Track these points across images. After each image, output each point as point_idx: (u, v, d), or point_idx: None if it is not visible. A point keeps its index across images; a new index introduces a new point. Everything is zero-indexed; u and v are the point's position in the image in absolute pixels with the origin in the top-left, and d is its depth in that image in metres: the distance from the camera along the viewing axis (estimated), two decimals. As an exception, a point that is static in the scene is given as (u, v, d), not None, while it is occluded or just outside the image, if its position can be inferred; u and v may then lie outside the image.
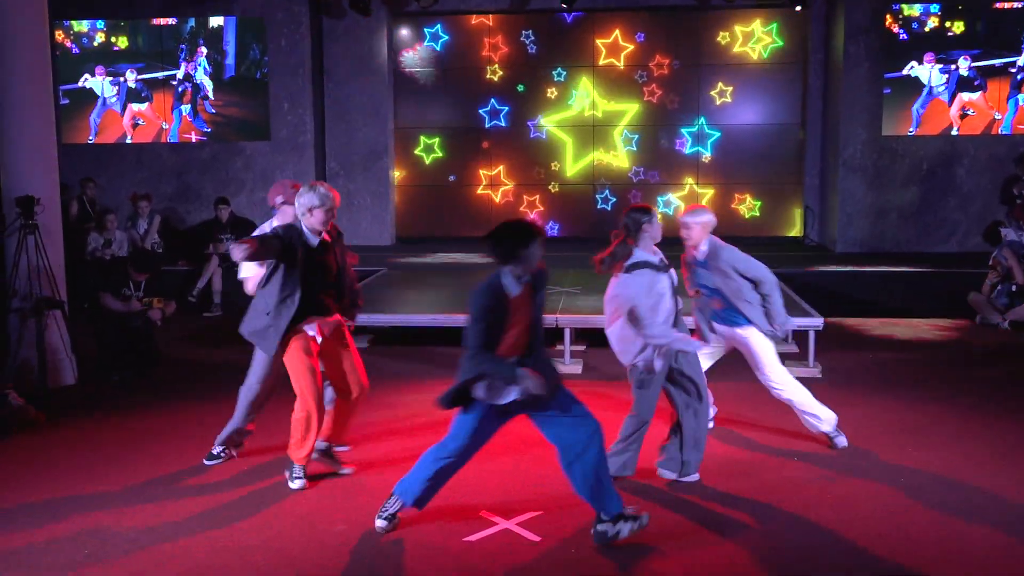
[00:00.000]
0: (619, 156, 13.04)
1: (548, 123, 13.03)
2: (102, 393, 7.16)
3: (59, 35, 12.52)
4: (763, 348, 5.56)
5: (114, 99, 12.67)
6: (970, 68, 11.64)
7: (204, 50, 12.51)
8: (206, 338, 9.28)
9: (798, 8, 12.41)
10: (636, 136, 12.97)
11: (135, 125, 12.71)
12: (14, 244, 7.12)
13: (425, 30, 12.99)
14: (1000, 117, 11.75)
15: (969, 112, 11.74)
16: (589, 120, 13.02)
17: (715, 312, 5.56)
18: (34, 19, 7.29)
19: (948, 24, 11.67)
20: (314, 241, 4.95)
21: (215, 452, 5.52)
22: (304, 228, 4.92)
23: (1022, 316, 8.99)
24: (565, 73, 12.92)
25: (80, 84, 12.65)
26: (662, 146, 12.97)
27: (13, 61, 7.15)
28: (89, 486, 5.17)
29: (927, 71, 11.72)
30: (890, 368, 7.70)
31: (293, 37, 12.32)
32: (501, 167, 13.13)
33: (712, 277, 5.41)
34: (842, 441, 5.63)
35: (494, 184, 13.17)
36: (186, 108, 12.58)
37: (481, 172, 13.17)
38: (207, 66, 12.49)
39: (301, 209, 4.89)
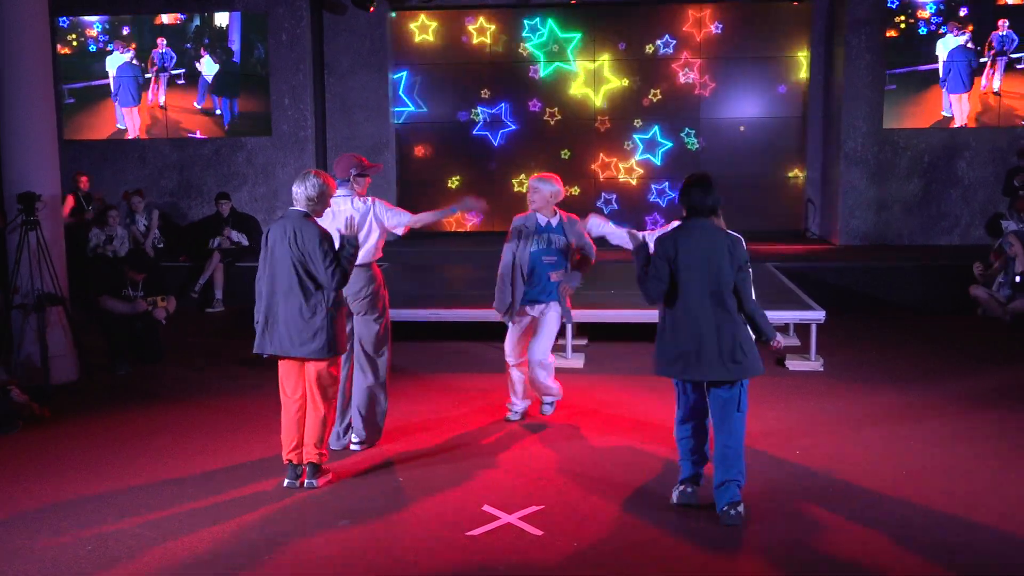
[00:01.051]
0: (620, 150, 13.03)
1: (555, 114, 13.03)
2: (105, 389, 7.18)
3: (64, 35, 12.52)
4: (555, 324, 5.94)
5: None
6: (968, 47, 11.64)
7: (160, 46, 12.54)
8: (208, 334, 9.29)
9: (796, 3, 12.37)
10: (636, 129, 12.97)
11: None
12: (16, 240, 7.14)
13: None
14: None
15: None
16: (591, 112, 13.01)
17: (547, 284, 5.82)
18: (34, 16, 7.29)
19: (956, 23, 11.65)
20: None
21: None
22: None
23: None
24: (566, 64, 12.92)
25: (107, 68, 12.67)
26: (663, 139, 12.96)
27: (14, 58, 7.15)
28: (92, 482, 5.18)
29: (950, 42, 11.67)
30: (892, 361, 7.70)
31: (294, 32, 12.30)
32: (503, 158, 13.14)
33: (564, 240, 5.87)
34: (548, 409, 6.25)
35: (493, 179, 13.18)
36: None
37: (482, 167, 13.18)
38: (167, 64, 12.53)
39: (307, 199, 4.96)
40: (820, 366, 7.47)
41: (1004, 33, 11.53)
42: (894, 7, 11.67)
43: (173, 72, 12.56)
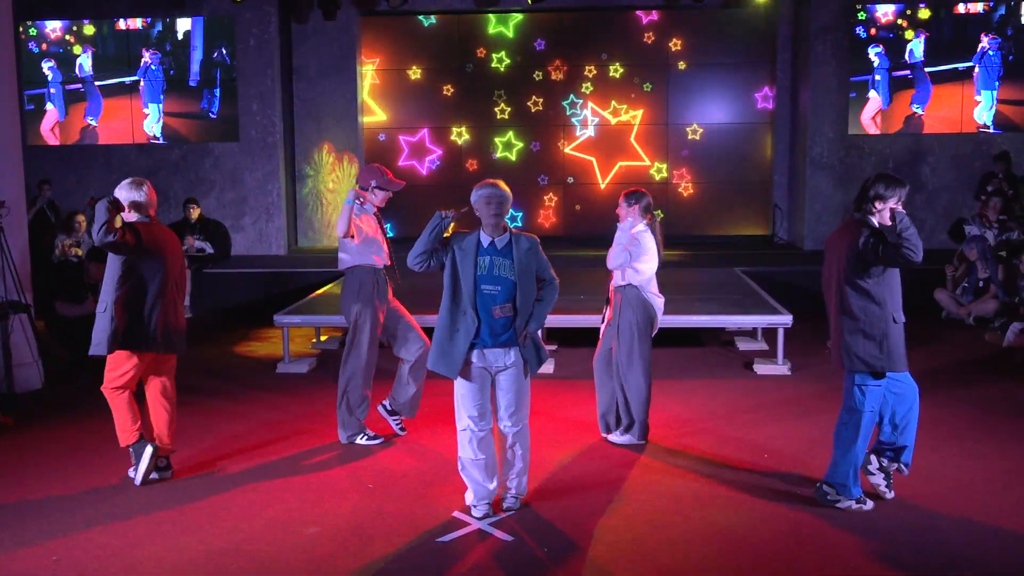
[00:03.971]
0: (595, 153, 13.11)
1: (526, 119, 13.07)
2: (69, 397, 7.12)
3: (23, 38, 12.38)
4: (526, 381, 4.70)
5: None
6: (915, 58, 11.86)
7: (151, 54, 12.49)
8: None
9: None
10: (608, 133, 13.06)
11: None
12: (-21, 248, 7.04)
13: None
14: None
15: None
16: (563, 117, 13.08)
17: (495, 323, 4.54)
18: None
19: (910, 29, 11.85)
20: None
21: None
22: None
23: (986, 312, 9.14)
24: (530, 68, 12.99)
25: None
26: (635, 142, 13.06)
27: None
28: (57, 490, 5.14)
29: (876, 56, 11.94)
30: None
31: (262, 37, 12.24)
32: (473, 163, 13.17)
33: (511, 266, 4.58)
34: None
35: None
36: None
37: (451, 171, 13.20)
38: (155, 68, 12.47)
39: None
40: (787, 370, 7.54)
41: (993, 54, 11.73)
42: (863, 9, 11.85)
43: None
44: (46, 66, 12.53)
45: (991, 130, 11.82)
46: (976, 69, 11.81)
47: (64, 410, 6.76)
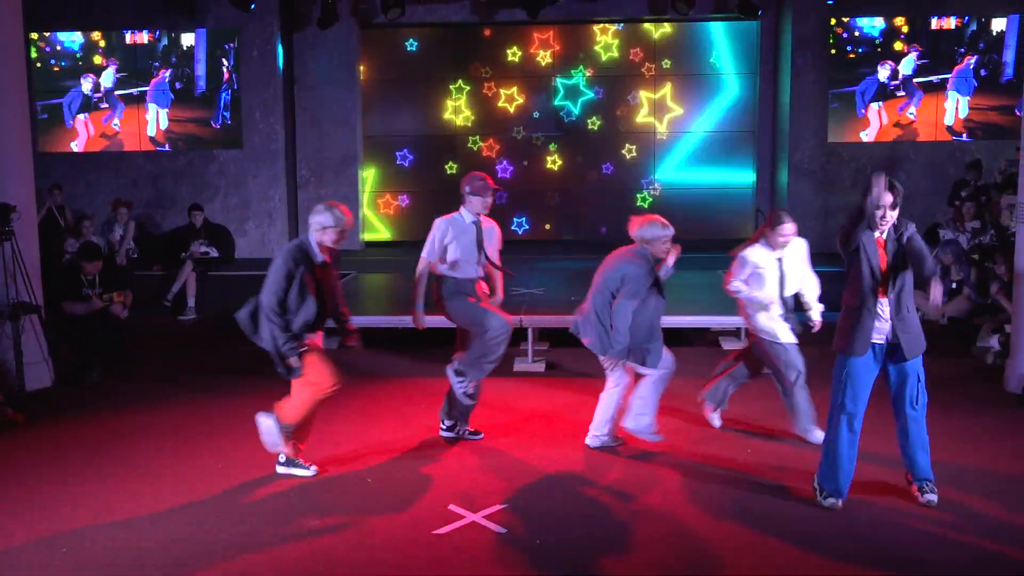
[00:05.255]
0: (582, 159, 13.37)
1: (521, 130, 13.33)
2: (79, 395, 7.22)
3: (37, 50, 12.63)
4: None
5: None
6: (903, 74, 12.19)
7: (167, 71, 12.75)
8: (180, 341, 9.42)
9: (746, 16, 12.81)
10: (595, 138, 13.33)
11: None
12: (-9, 250, 7.18)
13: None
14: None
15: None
16: (553, 124, 13.34)
17: None
18: (9, 29, 7.32)
19: (890, 40, 12.19)
20: (318, 258, 5.16)
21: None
22: (313, 244, 5.13)
23: (959, 312, 9.44)
24: (524, 81, 13.24)
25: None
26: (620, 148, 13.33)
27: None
28: (66, 485, 5.24)
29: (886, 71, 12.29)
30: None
31: (265, 48, 12.50)
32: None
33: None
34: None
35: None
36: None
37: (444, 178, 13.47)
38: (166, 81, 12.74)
39: (315, 227, 5.09)
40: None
41: (970, 76, 12.09)
42: (841, 22, 12.19)
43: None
44: (86, 84, 12.74)
45: (964, 138, 12.19)
46: (950, 81, 12.17)
47: (73, 408, 6.84)
